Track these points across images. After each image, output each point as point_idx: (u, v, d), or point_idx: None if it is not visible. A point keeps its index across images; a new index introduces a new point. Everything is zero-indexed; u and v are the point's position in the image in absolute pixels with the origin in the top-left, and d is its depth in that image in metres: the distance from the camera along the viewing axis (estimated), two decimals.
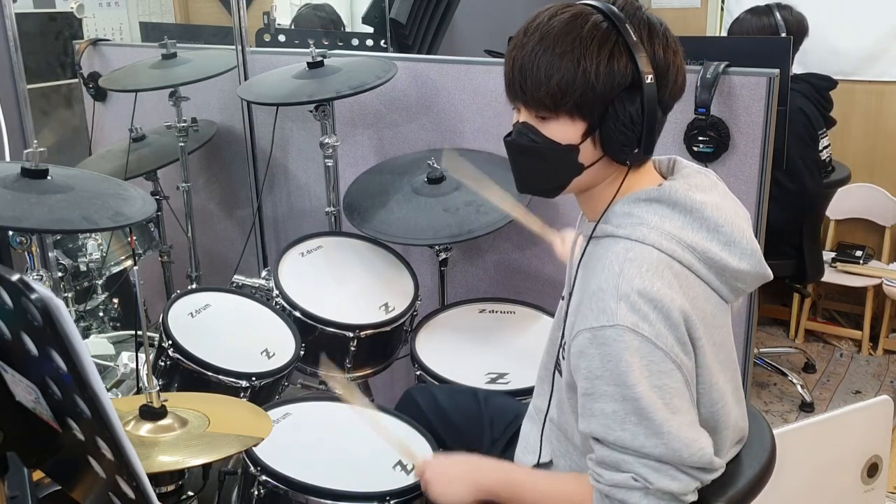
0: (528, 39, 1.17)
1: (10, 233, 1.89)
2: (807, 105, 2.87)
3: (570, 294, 1.30)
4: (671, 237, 1.17)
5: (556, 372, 1.32)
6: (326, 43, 3.13)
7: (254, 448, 1.45)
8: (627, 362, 1.12)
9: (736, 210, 1.25)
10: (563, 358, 1.26)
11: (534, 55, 1.16)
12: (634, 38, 1.14)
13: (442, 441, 1.62)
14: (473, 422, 1.64)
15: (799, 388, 3.18)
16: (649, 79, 1.15)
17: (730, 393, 1.26)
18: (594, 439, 1.19)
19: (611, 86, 1.14)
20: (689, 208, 1.20)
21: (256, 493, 1.48)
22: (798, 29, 2.93)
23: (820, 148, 2.96)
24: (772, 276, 1.26)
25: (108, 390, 2.12)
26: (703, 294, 1.19)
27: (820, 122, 2.93)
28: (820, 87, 2.95)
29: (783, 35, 2.87)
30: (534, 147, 1.21)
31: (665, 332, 1.13)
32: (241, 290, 2.15)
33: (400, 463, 1.54)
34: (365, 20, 3.50)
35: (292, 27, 3.72)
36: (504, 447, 1.56)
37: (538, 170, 1.24)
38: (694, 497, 1.18)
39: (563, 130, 1.19)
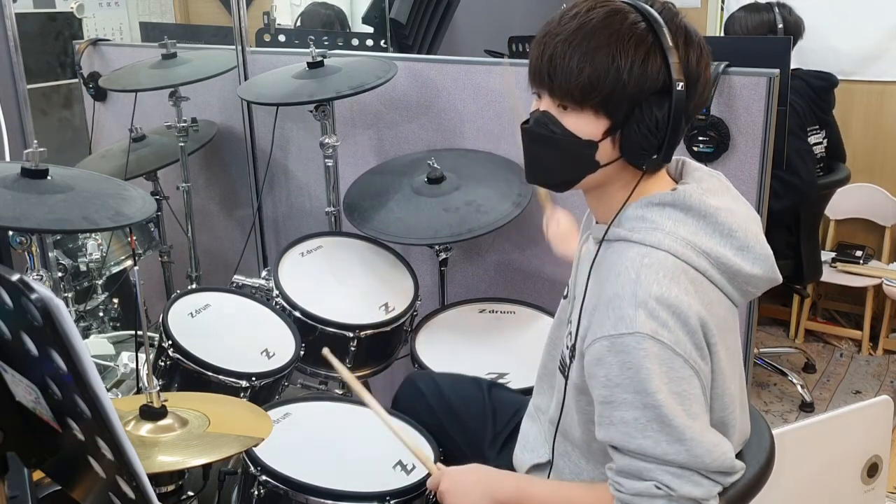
0: (562, 28, 1.15)
1: (10, 233, 1.89)
2: (796, 101, 2.87)
3: (577, 296, 1.29)
4: (686, 243, 1.16)
5: (561, 374, 1.32)
6: (326, 43, 3.13)
7: (254, 448, 1.45)
8: (648, 370, 1.10)
9: (748, 214, 1.24)
10: (572, 360, 1.25)
11: (567, 44, 1.14)
12: (670, 44, 1.13)
13: (443, 429, 1.61)
14: (477, 411, 1.62)
15: (799, 388, 3.18)
16: (680, 86, 1.13)
17: (738, 397, 1.26)
18: (613, 448, 1.17)
19: (642, 87, 1.13)
20: (703, 213, 1.19)
21: (256, 493, 1.48)
22: (794, 30, 2.93)
23: (812, 143, 2.96)
24: (781, 280, 1.25)
25: (108, 390, 2.12)
26: (716, 299, 1.18)
27: (809, 118, 2.93)
28: (816, 87, 2.95)
29: (780, 32, 2.86)
30: (551, 137, 1.19)
31: (684, 339, 1.12)
32: (241, 290, 2.15)
33: (400, 463, 1.54)
34: (365, 20, 3.51)
35: (298, 24, 3.72)
36: (504, 441, 1.55)
37: (552, 161, 1.22)
38: (716, 501, 1.17)
39: (585, 125, 1.17)
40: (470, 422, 1.61)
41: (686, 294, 1.13)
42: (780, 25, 2.87)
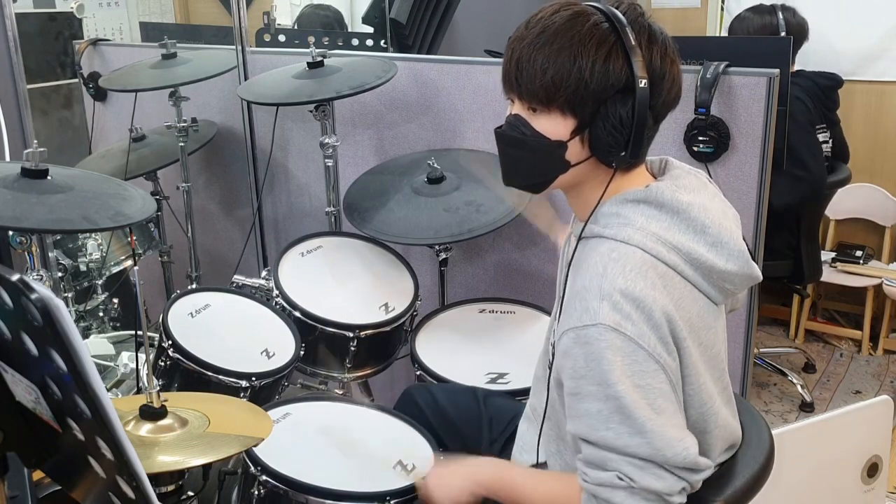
0: (528, 32, 1.19)
1: (10, 233, 1.89)
2: (804, 98, 2.88)
3: (558, 293, 1.30)
4: (656, 238, 1.18)
5: (548, 370, 1.33)
6: (327, 42, 3.13)
7: (254, 448, 1.45)
8: (609, 361, 1.12)
9: (724, 211, 1.25)
10: (553, 357, 1.27)
11: (532, 48, 1.17)
12: (633, 42, 1.15)
13: (441, 441, 1.62)
14: (472, 421, 1.64)
15: (799, 388, 3.18)
16: (643, 83, 1.15)
17: (717, 394, 1.26)
18: (581, 439, 1.19)
19: (604, 85, 1.15)
20: (675, 209, 1.20)
21: (256, 493, 1.48)
22: (798, 31, 2.93)
23: (820, 141, 2.96)
24: (761, 278, 1.26)
25: (108, 390, 2.12)
26: (688, 295, 1.19)
27: (817, 116, 2.94)
28: (823, 86, 2.96)
29: (782, 35, 2.87)
30: (522, 139, 1.22)
31: (648, 332, 1.13)
32: (241, 290, 2.15)
33: (400, 463, 1.54)
34: (365, 20, 3.51)
35: (295, 27, 3.73)
36: (502, 447, 1.56)
37: (525, 163, 1.25)
38: (682, 499, 1.17)
39: (554, 125, 1.20)
40: (466, 431, 1.63)
41: (652, 288, 1.14)
42: (783, 32, 2.88)
